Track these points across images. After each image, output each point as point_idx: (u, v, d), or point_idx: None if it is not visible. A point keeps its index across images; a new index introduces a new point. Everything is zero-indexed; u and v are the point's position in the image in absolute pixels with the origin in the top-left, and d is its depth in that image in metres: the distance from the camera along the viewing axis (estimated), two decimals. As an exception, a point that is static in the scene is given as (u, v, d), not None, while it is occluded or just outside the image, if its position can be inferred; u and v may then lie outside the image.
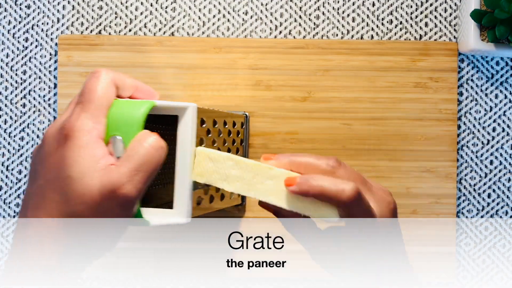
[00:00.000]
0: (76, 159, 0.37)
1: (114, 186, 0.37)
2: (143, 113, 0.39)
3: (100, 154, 0.38)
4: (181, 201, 0.42)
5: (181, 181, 0.42)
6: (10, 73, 0.64)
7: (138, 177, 0.37)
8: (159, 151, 0.38)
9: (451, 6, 0.64)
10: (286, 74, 0.62)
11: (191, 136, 0.42)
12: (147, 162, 0.38)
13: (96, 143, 0.38)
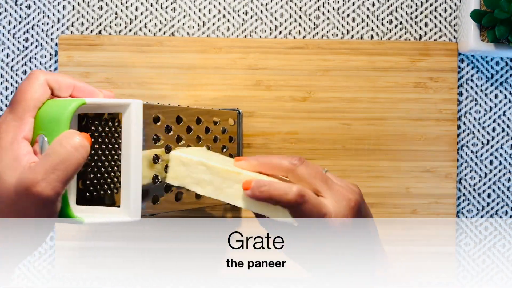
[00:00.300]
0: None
1: (29, 184, 0.37)
2: (69, 111, 0.39)
3: (22, 153, 0.38)
4: (126, 199, 0.42)
5: (125, 179, 0.42)
6: (10, 73, 0.64)
7: (54, 175, 0.37)
8: (80, 151, 0.38)
9: (451, 6, 0.64)
10: (286, 74, 0.62)
11: (134, 133, 0.42)
12: (65, 161, 0.38)
13: (20, 143, 0.39)
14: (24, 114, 0.40)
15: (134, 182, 0.42)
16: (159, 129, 0.45)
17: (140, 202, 0.42)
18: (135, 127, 0.42)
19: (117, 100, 0.42)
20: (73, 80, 0.42)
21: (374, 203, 0.62)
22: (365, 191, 0.62)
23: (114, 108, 0.42)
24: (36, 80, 0.40)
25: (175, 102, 0.61)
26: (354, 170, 0.62)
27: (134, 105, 0.42)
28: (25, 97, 0.40)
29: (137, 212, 0.42)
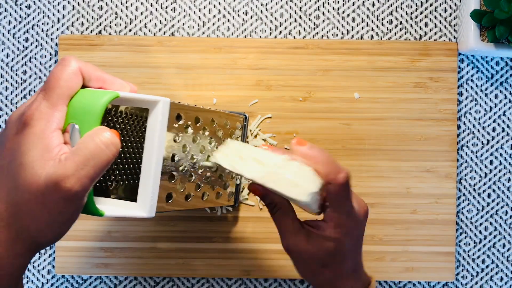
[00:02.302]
0: (30, 147, 0.37)
1: (58, 179, 0.36)
2: (102, 103, 0.38)
3: (54, 143, 0.37)
4: (144, 195, 0.42)
5: (145, 175, 0.42)
6: (10, 73, 0.64)
7: (84, 171, 0.37)
8: (110, 148, 0.38)
9: (451, 6, 0.64)
10: (286, 74, 0.62)
11: (159, 131, 0.42)
12: (95, 157, 0.37)
13: (53, 132, 0.38)
14: (58, 101, 0.38)
15: (154, 179, 0.42)
16: (180, 128, 0.46)
17: (156, 200, 0.42)
18: (160, 125, 0.42)
19: (147, 97, 0.42)
20: (102, 72, 0.41)
21: (374, 203, 0.62)
22: (365, 191, 0.62)
23: (143, 103, 0.42)
24: (70, 67, 0.39)
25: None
26: (354, 170, 0.62)
27: (162, 103, 0.42)
28: (59, 84, 0.39)
29: (153, 209, 0.42)
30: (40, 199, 0.37)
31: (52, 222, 0.38)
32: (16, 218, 0.38)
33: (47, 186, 0.37)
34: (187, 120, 0.47)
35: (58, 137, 0.38)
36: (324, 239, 0.46)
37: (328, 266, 0.47)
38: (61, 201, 0.37)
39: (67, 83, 0.39)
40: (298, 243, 0.47)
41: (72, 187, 0.37)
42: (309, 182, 0.43)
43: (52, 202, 0.37)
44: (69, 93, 0.39)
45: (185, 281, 0.63)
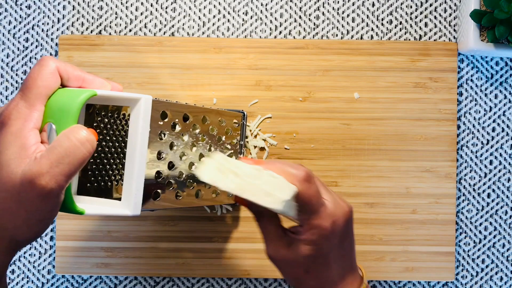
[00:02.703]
0: (7, 146, 0.38)
1: (33, 176, 0.37)
2: (79, 102, 0.38)
3: (31, 142, 0.38)
4: (128, 193, 0.42)
5: (129, 173, 0.42)
6: (11, 73, 0.64)
7: (59, 169, 0.37)
8: (85, 145, 0.38)
9: (451, 6, 0.64)
10: (286, 74, 0.62)
11: (141, 128, 0.42)
12: (70, 155, 0.37)
13: (30, 131, 0.38)
14: (35, 101, 0.39)
15: (137, 177, 0.42)
16: (166, 126, 0.45)
17: (141, 197, 0.42)
18: (142, 122, 0.42)
19: (127, 94, 0.42)
20: (82, 71, 0.42)
21: (374, 203, 0.62)
22: (365, 191, 0.62)
23: (124, 101, 0.42)
24: (48, 67, 0.40)
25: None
26: (354, 170, 0.62)
27: (144, 100, 0.42)
28: (36, 84, 0.39)
29: (138, 207, 0.42)
30: (16, 197, 0.37)
31: (30, 220, 0.39)
32: None
33: (22, 183, 0.37)
34: (173, 118, 0.46)
35: (35, 136, 0.38)
36: (302, 244, 0.46)
37: (311, 271, 0.47)
38: (37, 199, 0.37)
39: (44, 83, 0.39)
40: (280, 249, 0.47)
41: (46, 184, 0.37)
42: (281, 190, 0.43)
43: (28, 200, 0.37)
44: (46, 92, 0.39)
45: (185, 281, 0.63)
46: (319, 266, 0.47)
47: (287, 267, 0.48)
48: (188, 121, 0.49)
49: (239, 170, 0.44)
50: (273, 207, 0.43)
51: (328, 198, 0.46)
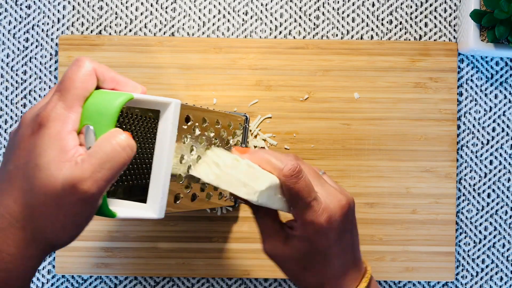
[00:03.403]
0: (46, 148, 0.37)
1: (75, 181, 0.36)
2: (117, 104, 0.38)
3: (70, 145, 0.37)
4: (154, 197, 0.42)
5: (156, 176, 0.42)
6: (11, 73, 0.64)
7: (101, 174, 0.37)
8: (126, 150, 0.38)
9: (451, 6, 0.64)
10: (286, 74, 0.62)
11: (170, 132, 0.42)
12: (111, 160, 0.37)
13: (68, 134, 0.37)
14: (73, 103, 0.38)
15: (164, 180, 0.42)
16: (188, 130, 0.46)
17: (166, 201, 0.42)
18: (171, 127, 0.42)
19: (160, 98, 0.42)
20: (115, 73, 0.41)
21: (374, 203, 0.62)
22: (365, 191, 0.62)
23: (155, 105, 0.42)
24: (85, 68, 0.39)
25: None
26: (354, 170, 0.62)
27: (174, 105, 0.42)
28: (74, 85, 0.38)
29: (163, 210, 0.42)
30: (56, 201, 0.37)
31: (67, 224, 0.38)
32: (32, 219, 0.38)
33: (63, 188, 0.37)
34: (195, 122, 0.47)
35: (74, 139, 0.38)
36: (297, 240, 0.45)
37: (309, 268, 0.46)
38: (77, 203, 0.37)
39: (82, 84, 0.39)
40: (277, 244, 0.46)
41: (89, 189, 0.37)
42: (256, 180, 0.42)
43: (68, 204, 0.37)
44: (84, 94, 0.39)
45: (185, 281, 0.63)
46: (317, 263, 0.45)
47: (285, 264, 0.47)
48: (206, 124, 0.49)
49: (220, 160, 0.44)
50: (248, 198, 0.42)
51: (321, 191, 0.45)
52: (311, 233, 0.44)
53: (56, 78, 0.64)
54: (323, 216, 0.44)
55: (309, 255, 0.45)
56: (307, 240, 0.45)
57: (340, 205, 0.45)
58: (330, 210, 0.44)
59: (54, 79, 0.64)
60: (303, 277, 0.47)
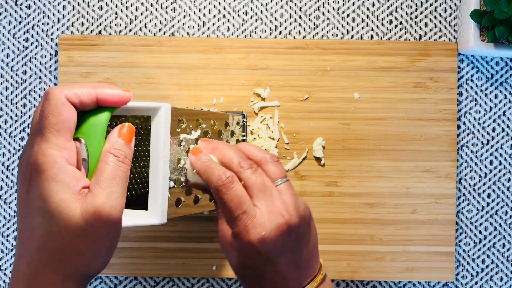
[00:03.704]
0: (50, 194, 0.37)
1: (96, 209, 0.37)
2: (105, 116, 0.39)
3: (73, 181, 0.37)
4: (154, 202, 0.42)
5: (154, 182, 0.42)
6: (11, 73, 0.64)
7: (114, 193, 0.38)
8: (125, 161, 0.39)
9: (451, 6, 0.64)
10: (286, 74, 0.62)
11: (163, 136, 0.42)
12: (116, 176, 0.38)
13: (65, 171, 0.37)
14: (59, 140, 0.37)
15: (163, 185, 0.42)
16: (183, 132, 0.46)
17: (167, 205, 0.42)
18: (164, 131, 0.42)
19: (149, 104, 0.42)
20: (93, 88, 0.39)
21: (374, 203, 0.62)
22: (365, 191, 0.62)
23: (144, 111, 0.42)
24: (57, 100, 0.38)
25: (176, 103, 0.62)
26: (354, 170, 0.62)
27: (164, 109, 0.42)
28: (51, 121, 0.37)
29: (164, 216, 0.42)
30: (83, 235, 0.37)
31: (100, 251, 0.39)
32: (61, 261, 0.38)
33: (86, 220, 0.37)
34: (189, 124, 0.47)
35: (74, 173, 0.38)
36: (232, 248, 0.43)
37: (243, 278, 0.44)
38: (104, 228, 0.38)
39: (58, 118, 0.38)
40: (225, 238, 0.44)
41: (110, 210, 0.37)
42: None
43: (96, 232, 0.38)
44: (66, 126, 0.38)
45: (185, 281, 0.63)
46: (249, 277, 0.44)
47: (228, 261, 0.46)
48: (201, 125, 0.49)
49: None
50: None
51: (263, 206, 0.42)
52: (239, 247, 0.43)
53: (56, 78, 0.64)
54: (254, 233, 0.41)
55: (241, 267, 0.44)
56: (237, 252, 0.43)
57: (278, 224, 0.42)
58: (265, 227, 0.41)
59: (54, 79, 0.64)
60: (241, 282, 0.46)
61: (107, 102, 0.40)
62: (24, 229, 0.39)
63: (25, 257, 0.39)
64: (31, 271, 0.38)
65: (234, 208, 0.42)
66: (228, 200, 0.42)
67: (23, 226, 0.39)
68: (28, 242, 0.39)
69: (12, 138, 0.64)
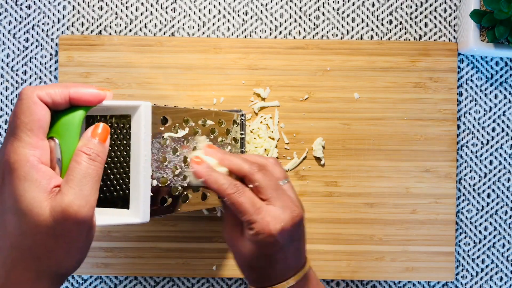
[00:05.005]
0: (21, 193, 0.37)
1: (64, 207, 0.37)
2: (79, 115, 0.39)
3: (43, 182, 0.38)
4: (135, 201, 0.42)
5: (134, 180, 0.42)
6: (11, 73, 0.64)
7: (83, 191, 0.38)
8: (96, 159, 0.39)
9: (451, 7, 0.64)
10: (286, 74, 0.62)
11: (143, 134, 0.42)
12: (87, 175, 0.38)
13: (37, 170, 0.38)
14: (31, 139, 0.38)
15: (143, 183, 0.42)
16: (167, 131, 0.45)
17: (149, 204, 0.42)
18: (144, 129, 0.42)
19: (127, 102, 0.42)
20: (66, 87, 0.40)
21: (374, 203, 0.62)
22: (365, 191, 0.62)
23: (123, 110, 0.42)
24: (28, 99, 0.38)
25: (175, 103, 0.62)
26: (354, 170, 0.62)
27: (143, 107, 0.42)
28: (23, 120, 0.38)
29: (146, 214, 0.42)
30: (52, 233, 0.38)
31: (71, 250, 0.39)
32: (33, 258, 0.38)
33: (55, 219, 0.37)
34: (175, 122, 0.46)
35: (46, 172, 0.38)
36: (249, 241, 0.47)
37: (254, 267, 0.48)
38: (74, 227, 0.38)
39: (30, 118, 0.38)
40: (233, 235, 0.49)
41: (79, 209, 0.37)
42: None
43: (66, 231, 0.38)
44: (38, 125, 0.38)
45: (185, 281, 0.63)
46: (261, 265, 0.48)
47: (236, 255, 0.49)
48: (189, 124, 0.49)
49: None
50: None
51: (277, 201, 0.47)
52: (258, 240, 0.46)
53: (56, 78, 0.64)
54: (275, 225, 0.46)
55: (256, 257, 0.47)
56: (257, 244, 0.47)
57: (292, 216, 0.47)
58: (282, 220, 0.46)
59: (54, 79, 0.64)
60: (248, 273, 0.49)
61: (80, 101, 0.40)
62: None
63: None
64: (4, 269, 0.38)
65: (249, 208, 0.46)
66: (244, 202, 0.46)
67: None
68: (1, 240, 0.39)
69: (12, 138, 0.64)
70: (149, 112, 0.42)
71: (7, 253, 0.38)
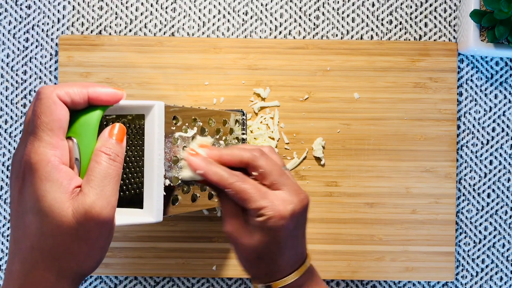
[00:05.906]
0: (43, 193, 0.37)
1: (87, 209, 0.37)
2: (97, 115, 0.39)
3: (65, 182, 0.38)
4: (149, 201, 0.42)
5: (148, 180, 0.42)
6: (11, 73, 0.64)
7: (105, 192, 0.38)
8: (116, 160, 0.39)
9: (451, 7, 0.64)
10: (286, 74, 0.62)
11: (157, 134, 0.42)
12: (108, 175, 0.38)
13: (58, 171, 0.38)
14: (52, 139, 0.38)
15: (157, 183, 0.42)
16: (178, 130, 0.46)
17: (162, 204, 0.42)
18: (158, 129, 0.42)
19: (142, 102, 0.42)
20: (85, 87, 0.40)
21: (374, 203, 0.62)
22: (365, 191, 0.62)
23: (138, 109, 0.42)
24: (48, 99, 0.38)
25: (175, 103, 0.62)
26: (354, 170, 0.62)
27: (157, 107, 0.42)
28: (44, 120, 0.38)
29: (160, 214, 0.42)
30: (75, 234, 0.38)
31: (92, 251, 0.39)
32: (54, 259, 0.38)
33: (78, 220, 0.37)
34: (184, 122, 0.47)
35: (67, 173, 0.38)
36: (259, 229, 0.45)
37: (262, 257, 0.46)
38: (96, 228, 0.38)
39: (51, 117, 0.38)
40: (237, 228, 0.46)
41: (101, 210, 0.37)
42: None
43: (88, 232, 0.38)
44: (59, 125, 0.38)
45: (185, 281, 0.63)
46: (272, 253, 0.46)
47: (240, 250, 0.47)
48: (197, 124, 0.49)
49: None
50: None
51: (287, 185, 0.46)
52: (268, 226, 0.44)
53: (56, 78, 0.64)
54: (286, 208, 0.44)
55: (266, 245, 0.46)
56: (266, 230, 0.45)
57: (301, 199, 0.46)
58: (291, 202, 0.45)
59: (54, 79, 0.64)
60: (256, 265, 0.47)
61: (98, 100, 0.40)
62: (18, 228, 0.39)
63: (19, 256, 0.39)
64: (24, 270, 0.38)
65: (255, 194, 0.44)
66: (248, 188, 0.44)
67: (16, 225, 0.39)
68: (22, 241, 0.39)
69: (12, 138, 0.64)
70: (162, 111, 0.42)
71: (27, 253, 0.38)
